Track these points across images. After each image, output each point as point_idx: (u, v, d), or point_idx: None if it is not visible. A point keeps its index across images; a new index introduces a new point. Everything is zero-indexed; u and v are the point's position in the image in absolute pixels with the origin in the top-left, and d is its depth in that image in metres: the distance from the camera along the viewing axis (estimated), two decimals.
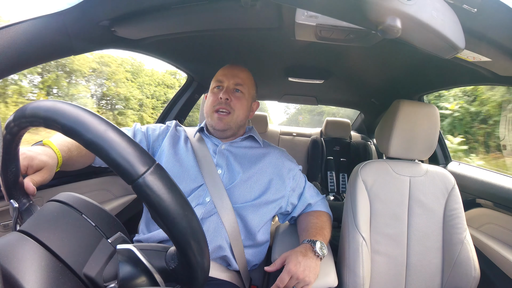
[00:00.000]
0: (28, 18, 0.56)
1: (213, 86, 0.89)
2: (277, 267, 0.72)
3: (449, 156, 1.48)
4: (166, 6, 0.68)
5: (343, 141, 2.16)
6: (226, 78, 0.87)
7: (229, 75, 0.88)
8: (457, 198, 0.91)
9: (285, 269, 0.69)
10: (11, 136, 0.35)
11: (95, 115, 0.30)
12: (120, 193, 1.19)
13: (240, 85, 0.88)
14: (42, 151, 0.57)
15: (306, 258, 0.71)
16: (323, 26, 0.74)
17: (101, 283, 0.33)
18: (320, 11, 0.51)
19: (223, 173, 0.83)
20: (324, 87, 1.65)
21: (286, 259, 0.72)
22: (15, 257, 0.29)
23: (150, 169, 0.29)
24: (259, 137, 0.94)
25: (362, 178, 0.93)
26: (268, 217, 0.84)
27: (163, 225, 0.30)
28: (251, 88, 0.91)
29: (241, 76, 0.89)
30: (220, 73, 0.89)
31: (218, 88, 0.88)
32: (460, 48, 0.48)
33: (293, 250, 0.74)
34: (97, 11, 0.66)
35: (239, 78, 0.88)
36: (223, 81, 0.87)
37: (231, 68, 0.90)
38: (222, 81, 0.88)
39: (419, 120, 0.93)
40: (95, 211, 0.38)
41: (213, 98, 0.87)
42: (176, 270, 0.35)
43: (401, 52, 0.97)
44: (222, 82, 0.88)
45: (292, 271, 0.68)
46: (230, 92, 0.86)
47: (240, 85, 0.88)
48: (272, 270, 0.72)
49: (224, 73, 0.89)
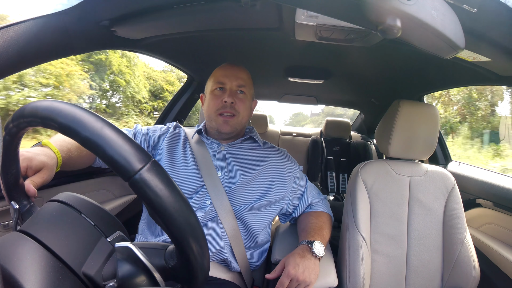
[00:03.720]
0: (28, 18, 0.56)
1: (214, 88, 0.86)
2: (277, 273, 0.71)
3: (449, 156, 1.47)
4: (166, 6, 0.69)
5: (343, 141, 2.16)
6: (228, 79, 0.84)
7: (231, 76, 0.85)
8: (457, 198, 0.91)
9: (284, 273, 0.69)
10: (10, 137, 0.35)
11: (91, 113, 0.30)
12: (120, 193, 1.19)
13: (243, 87, 0.85)
14: (41, 152, 0.57)
15: (305, 259, 0.71)
16: (323, 26, 0.75)
17: (100, 282, 0.33)
18: (320, 11, 0.51)
19: (223, 176, 0.82)
20: (324, 87, 1.65)
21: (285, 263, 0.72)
22: (14, 256, 0.29)
23: (147, 165, 0.29)
24: (259, 138, 0.93)
25: (362, 178, 0.93)
26: (269, 219, 0.84)
27: (161, 222, 0.30)
28: (251, 88, 0.90)
29: (243, 76, 0.86)
30: (221, 74, 0.86)
31: (220, 90, 0.85)
32: (460, 48, 0.48)
33: (291, 253, 0.74)
34: (97, 11, 0.66)
35: (241, 79, 0.85)
36: (225, 82, 0.84)
37: (232, 68, 0.87)
38: (224, 82, 0.84)
39: (419, 120, 0.93)
40: (94, 211, 0.38)
41: (216, 101, 0.84)
42: (175, 268, 0.35)
43: (401, 52, 0.97)
44: (224, 83, 0.84)
45: (291, 273, 0.68)
46: (234, 95, 0.83)
47: (243, 86, 0.85)
48: (273, 277, 0.71)
49: (226, 74, 0.85)
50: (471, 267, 0.83)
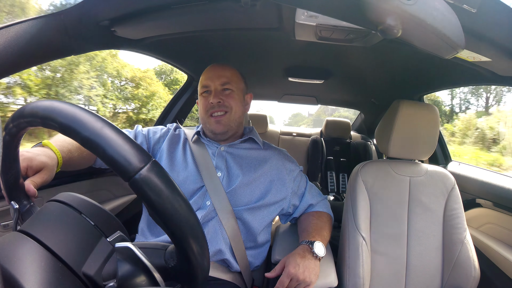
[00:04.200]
0: (28, 18, 0.56)
1: (201, 91, 0.88)
2: (277, 272, 0.72)
3: (449, 156, 1.47)
4: (166, 6, 0.68)
5: (343, 141, 2.16)
6: (211, 80, 0.86)
7: (214, 77, 0.86)
8: (457, 198, 0.91)
9: (285, 272, 0.69)
10: (10, 137, 0.35)
11: (91, 113, 0.30)
12: (120, 193, 1.19)
13: (227, 84, 0.86)
14: (41, 152, 0.57)
15: (305, 259, 0.71)
16: (323, 26, 0.75)
17: (100, 282, 0.33)
18: (320, 11, 0.51)
19: (222, 176, 0.82)
20: (324, 87, 1.65)
21: (285, 262, 0.72)
22: (14, 256, 0.29)
23: (147, 165, 0.29)
24: (259, 139, 0.93)
25: (362, 178, 0.93)
26: (269, 219, 0.84)
27: (161, 223, 0.30)
28: (238, 82, 0.89)
29: (226, 74, 0.87)
30: (205, 77, 0.88)
31: (207, 93, 0.86)
32: (460, 48, 0.48)
33: (291, 253, 0.74)
34: (97, 11, 0.66)
35: (224, 77, 0.86)
36: (209, 85, 0.86)
37: (214, 69, 0.88)
38: (208, 85, 0.86)
39: (419, 120, 0.93)
40: (94, 211, 0.38)
41: (204, 103, 0.85)
42: (175, 268, 0.35)
43: (401, 52, 0.96)
44: (208, 86, 0.86)
45: (292, 273, 0.68)
46: (219, 94, 0.84)
47: (227, 84, 0.86)
48: (273, 276, 0.72)
49: (209, 76, 0.87)
50: (471, 267, 0.83)
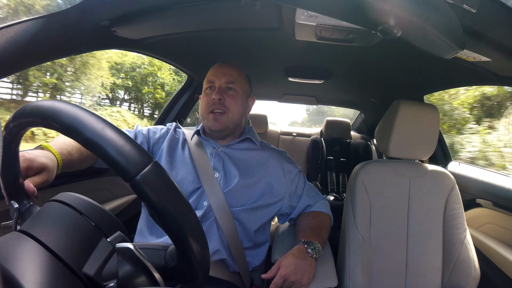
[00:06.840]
0: (28, 18, 0.56)
1: (205, 87, 0.88)
2: (273, 273, 0.71)
3: (449, 156, 1.47)
4: (166, 6, 0.69)
5: (343, 141, 2.16)
6: (216, 77, 0.86)
7: (220, 74, 0.86)
8: (457, 198, 0.91)
9: (278, 273, 0.69)
10: (11, 137, 0.35)
11: (93, 114, 0.30)
12: (120, 193, 1.19)
13: (232, 83, 0.86)
14: (42, 154, 0.57)
15: (299, 259, 0.71)
16: (323, 26, 0.75)
17: (101, 282, 0.33)
18: (320, 11, 0.51)
19: (220, 177, 0.82)
20: (324, 87, 1.65)
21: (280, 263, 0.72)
22: (14, 256, 0.29)
23: (148, 166, 0.29)
24: (257, 139, 0.93)
25: (362, 178, 0.93)
26: (266, 219, 0.84)
27: (161, 223, 0.30)
28: (243, 84, 0.90)
29: (232, 73, 0.87)
30: (211, 73, 0.88)
31: (210, 89, 0.87)
32: (460, 48, 0.48)
33: (286, 254, 0.74)
34: (97, 11, 0.66)
35: (230, 76, 0.86)
36: (214, 81, 0.86)
37: (221, 66, 0.89)
38: (213, 81, 0.86)
39: (419, 120, 0.93)
40: (94, 211, 0.38)
41: (207, 99, 0.86)
42: (176, 268, 0.35)
43: (401, 52, 0.96)
44: (213, 82, 0.86)
45: (283, 274, 0.68)
46: (222, 92, 0.84)
47: (232, 83, 0.86)
48: (269, 277, 0.71)
49: (214, 73, 0.87)
50: (471, 267, 0.83)
